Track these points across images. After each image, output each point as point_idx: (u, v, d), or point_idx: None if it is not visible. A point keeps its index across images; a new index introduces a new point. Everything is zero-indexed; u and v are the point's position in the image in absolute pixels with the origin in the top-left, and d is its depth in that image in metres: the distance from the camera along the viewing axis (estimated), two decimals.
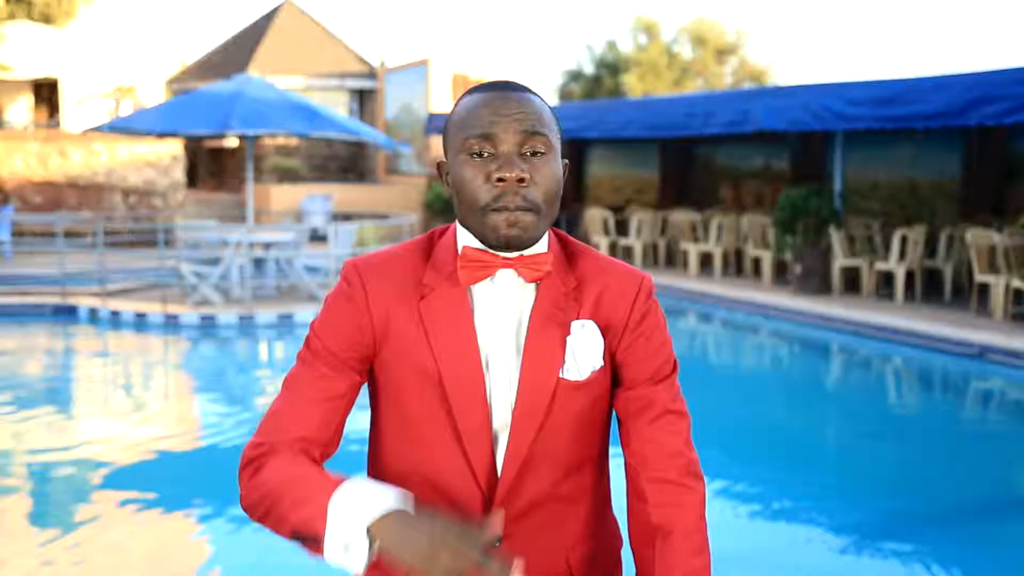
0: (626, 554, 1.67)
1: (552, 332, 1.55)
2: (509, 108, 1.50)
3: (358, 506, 1.35)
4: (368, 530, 1.33)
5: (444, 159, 1.60)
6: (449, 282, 1.55)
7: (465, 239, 1.57)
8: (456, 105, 1.58)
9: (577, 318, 1.56)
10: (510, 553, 1.54)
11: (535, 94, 1.56)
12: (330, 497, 1.36)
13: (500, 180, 1.47)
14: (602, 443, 1.65)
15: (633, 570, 1.61)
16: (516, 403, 1.54)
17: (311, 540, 1.37)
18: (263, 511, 1.44)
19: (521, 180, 1.47)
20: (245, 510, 1.49)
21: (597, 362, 1.55)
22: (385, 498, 1.36)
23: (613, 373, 1.60)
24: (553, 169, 1.51)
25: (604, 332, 1.57)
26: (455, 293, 1.55)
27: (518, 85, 1.55)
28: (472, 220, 1.52)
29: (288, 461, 1.45)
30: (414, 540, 1.30)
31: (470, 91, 1.57)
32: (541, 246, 1.57)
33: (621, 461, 1.63)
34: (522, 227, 1.48)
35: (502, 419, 1.55)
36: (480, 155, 1.50)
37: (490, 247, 1.53)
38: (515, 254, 1.53)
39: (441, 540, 1.29)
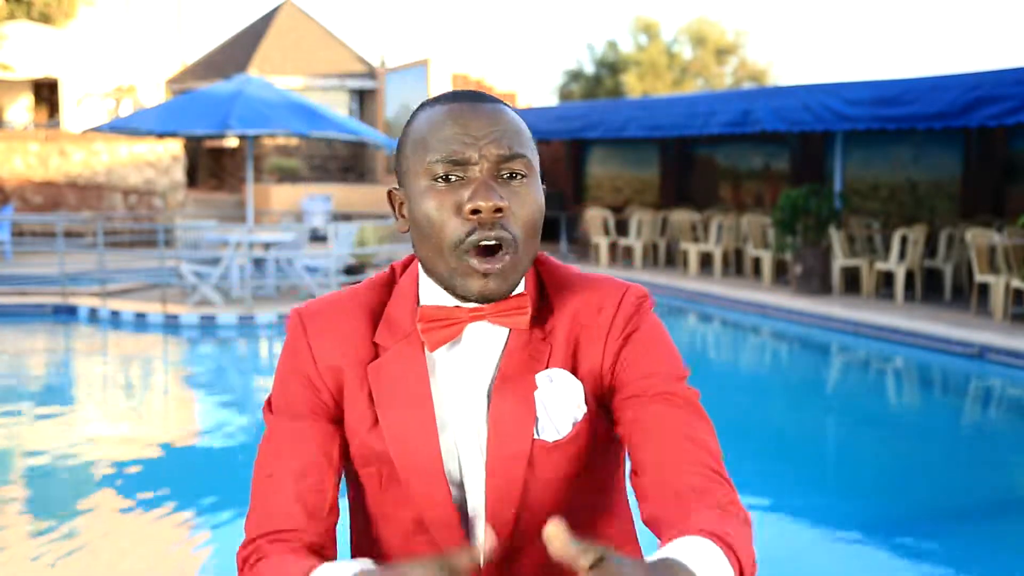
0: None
1: (520, 388, 1.29)
2: (481, 123, 1.25)
3: None
4: None
5: (397, 186, 1.33)
6: (407, 340, 1.31)
7: (427, 288, 1.32)
8: (412, 119, 1.31)
9: (547, 366, 1.30)
10: None
11: (507, 105, 1.32)
12: None
13: (474, 212, 1.22)
14: (607, 494, 1.41)
15: None
16: (487, 481, 1.29)
17: None
18: None
19: (499, 210, 1.22)
20: None
21: (578, 413, 1.30)
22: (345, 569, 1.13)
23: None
24: (535, 195, 1.27)
25: (583, 365, 1.32)
26: (410, 353, 1.30)
27: (487, 96, 1.30)
28: (439, 264, 1.26)
29: (274, 567, 1.20)
30: None
31: (430, 102, 1.31)
32: (518, 286, 1.31)
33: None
34: (502, 276, 1.24)
35: (479, 501, 1.31)
36: (447, 180, 1.24)
37: (456, 297, 1.28)
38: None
39: None
